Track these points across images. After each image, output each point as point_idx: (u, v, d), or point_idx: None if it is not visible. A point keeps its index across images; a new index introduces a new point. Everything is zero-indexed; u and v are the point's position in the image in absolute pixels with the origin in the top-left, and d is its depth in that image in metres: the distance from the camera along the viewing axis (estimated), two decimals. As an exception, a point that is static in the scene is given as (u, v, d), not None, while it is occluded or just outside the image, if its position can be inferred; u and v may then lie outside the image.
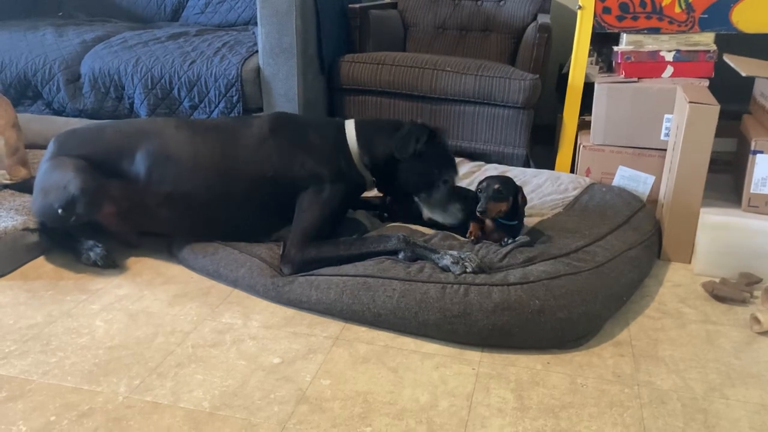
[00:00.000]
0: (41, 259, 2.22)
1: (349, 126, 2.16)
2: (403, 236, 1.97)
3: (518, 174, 2.70)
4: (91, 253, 2.14)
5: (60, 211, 2.07)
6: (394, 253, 1.95)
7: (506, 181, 2.05)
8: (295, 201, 2.08)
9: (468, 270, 1.83)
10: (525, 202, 2.09)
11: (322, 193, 2.07)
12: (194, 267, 2.15)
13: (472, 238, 2.05)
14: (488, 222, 2.06)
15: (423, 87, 2.90)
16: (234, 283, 2.05)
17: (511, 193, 2.03)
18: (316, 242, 2.00)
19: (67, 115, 3.09)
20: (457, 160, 2.87)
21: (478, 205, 2.00)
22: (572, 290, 1.80)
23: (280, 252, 2.06)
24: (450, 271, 1.85)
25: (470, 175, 2.75)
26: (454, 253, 1.89)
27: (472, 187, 2.53)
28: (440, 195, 2.10)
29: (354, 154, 2.12)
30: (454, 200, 2.10)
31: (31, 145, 2.98)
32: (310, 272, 1.95)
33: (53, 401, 1.54)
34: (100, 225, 2.17)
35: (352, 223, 2.19)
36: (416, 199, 2.13)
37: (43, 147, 2.28)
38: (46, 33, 3.35)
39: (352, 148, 2.13)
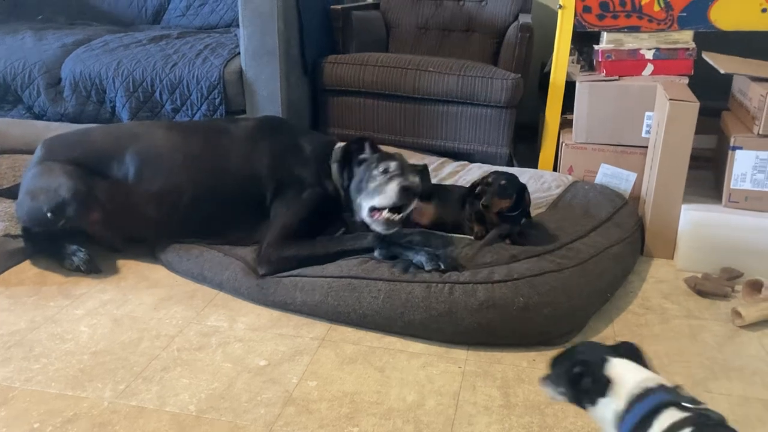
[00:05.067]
0: (23, 265, 2.19)
1: (337, 148, 2.15)
2: (378, 234, 1.97)
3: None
4: (75, 258, 2.13)
5: (49, 214, 2.07)
6: (369, 250, 1.95)
7: (512, 178, 2.08)
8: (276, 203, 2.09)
9: (442, 267, 1.83)
10: (530, 201, 2.10)
11: (302, 195, 2.07)
12: (179, 270, 2.14)
13: (478, 234, 2.05)
14: (491, 216, 2.05)
15: (406, 87, 2.91)
16: (219, 286, 2.04)
17: (515, 190, 2.05)
18: (293, 241, 2.00)
19: (48, 120, 3.05)
20: (441, 160, 2.90)
21: (483, 199, 2.01)
22: (556, 287, 1.81)
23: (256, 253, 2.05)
24: (423, 267, 1.85)
25: (454, 174, 2.76)
26: (430, 250, 1.90)
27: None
28: (375, 181, 1.96)
29: (334, 176, 2.11)
30: (393, 179, 1.93)
31: (12, 150, 2.95)
32: (295, 274, 1.94)
33: (37, 408, 1.53)
34: (86, 230, 2.16)
35: (335, 222, 2.18)
36: (357, 199, 2.01)
37: (24, 152, 2.26)
38: (26, 37, 3.31)
39: (333, 169, 2.11)
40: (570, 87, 2.67)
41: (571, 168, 2.66)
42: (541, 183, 2.58)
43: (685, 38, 2.56)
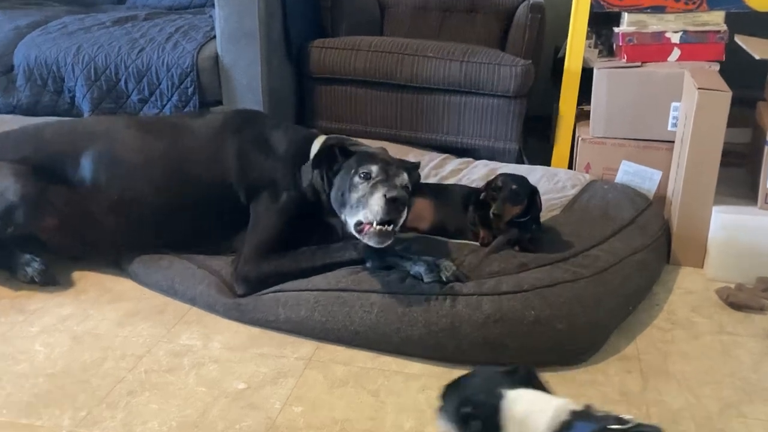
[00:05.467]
0: (-29, 277, 2.19)
1: (316, 143, 2.12)
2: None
3: (510, 171, 2.71)
4: (29, 269, 2.13)
5: None
6: (360, 262, 1.94)
7: (522, 181, 2.10)
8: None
9: (443, 278, 1.84)
10: (541, 206, 2.12)
11: (279, 200, 2.07)
12: (146, 282, 2.14)
13: (483, 240, 2.07)
14: (499, 222, 2.07)
15: (403, 75, 2.91)
16: (191, 301, 2.05)
17: (526, 194, 2.08)
18: (273, 255, 2.00)
19: (-1, 112, 3.06)
20: (442, 156, 2.90)
21: (493, 207, 2.03)
22: (571, 299, 1.82)
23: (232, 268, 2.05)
24: (422, 279, 1.85)
25: (457, 172, 2.76)
26: (429, 258, 1.89)
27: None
28: (357, 190, 1.88)
29: (314, 179, 2.04)
30: (377, 188, 1.84)
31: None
32: (276, 288, 1.94)
33: (-13, 438, 1.53)
34: (40, 238, 2.16)
35: (322, 228, 2.18)
36: (341, 213, 1.94)
37: (-28, 149, 2.25)
38: (-27, 18, 3.32)
39: (312, 174, 2.04)
40: (587, 74, 2.67)
41: (589, 165, 2.67)
42: (554, 182, 2.59)
43: (715, 20, 2.57)
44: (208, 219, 2.14)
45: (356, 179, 1.89)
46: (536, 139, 3.19)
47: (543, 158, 2.90)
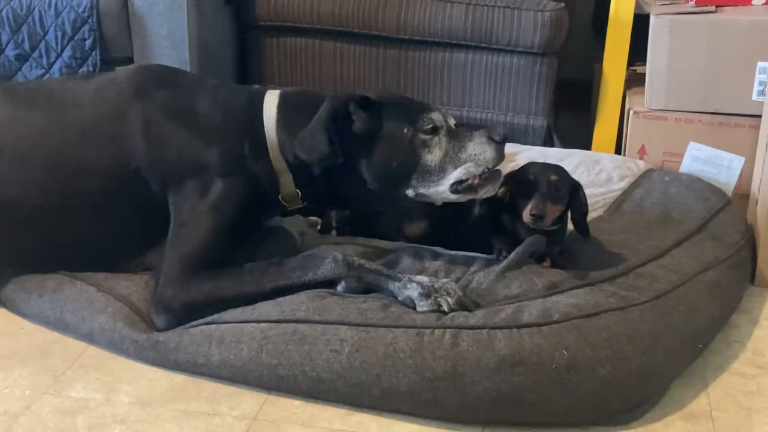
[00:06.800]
0: None
1: (271, 98, 2.13)
2: (342, 256, 1.97)
3: (536, 156, 2.72)
4: None
5: None
6: (329, 283, 1.95)
7: (561, 172, 2.10)
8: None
9: (443, 307, 1.84)
10: (586, 207, 2.14)
11: (209, 192, 2.06)
12: (26, 312, 2.14)
13: (500, 252, 2.07)
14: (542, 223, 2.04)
15: (386, 23, 2.92)
16: (89, 338, 2.04)
17: (567, 189, 2.07)
18: (207, 273, 1.99)
19: None
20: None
21: (531, 207, 2.00)
22: (619, 334, 1.82)
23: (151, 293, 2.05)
24: (415, 307, 1.86)
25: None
26: (424, 279, 1.90)
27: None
28: (434, 148, 2.01)
29: (270, 141, 2.08)
30: (471, 135, 2.01)
31: None
32: (209, 319, 1.94)
33: None
34: None
35: (273, 234, 2.19)
36: (401, 192, 2.04)
37: None
38: None
39: (269, 133, 2.08)
40: (641, 23, 2.69)
41: (644, 149, 2.68)
42: (596, 172, 2.60)
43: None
44: (110, 223, 2.13)
45: (422, 137, 1.99)
46: (571, 112, 3.20)
47: (581, 139, 2.92)
